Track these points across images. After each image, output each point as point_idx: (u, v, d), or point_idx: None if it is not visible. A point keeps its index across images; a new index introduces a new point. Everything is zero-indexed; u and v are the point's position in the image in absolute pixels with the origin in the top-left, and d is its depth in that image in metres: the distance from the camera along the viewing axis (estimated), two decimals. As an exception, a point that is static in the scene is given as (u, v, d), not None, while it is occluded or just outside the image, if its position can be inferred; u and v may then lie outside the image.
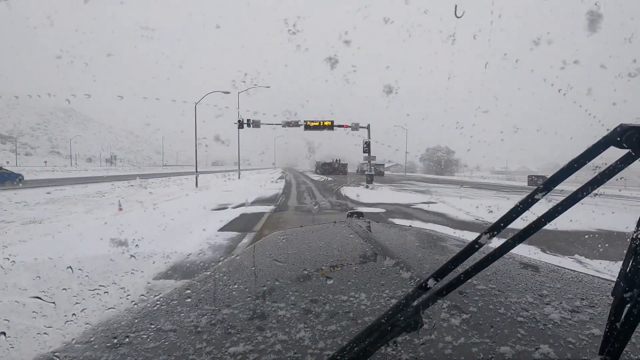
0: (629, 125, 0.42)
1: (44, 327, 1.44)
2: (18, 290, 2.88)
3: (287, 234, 1.94)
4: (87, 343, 0.76)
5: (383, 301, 0.88)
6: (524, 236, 0.47)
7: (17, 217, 9.04)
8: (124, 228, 6.36)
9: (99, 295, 1.95)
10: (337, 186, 24.82)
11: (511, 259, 1.33)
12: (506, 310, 0.82)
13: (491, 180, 53.98)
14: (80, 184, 22.33)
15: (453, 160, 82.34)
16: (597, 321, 0.77)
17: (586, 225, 8.61)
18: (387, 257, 1.25)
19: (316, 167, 65.04)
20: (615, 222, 8.70)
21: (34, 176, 29.15)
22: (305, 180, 34.14)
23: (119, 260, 4.61)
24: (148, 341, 0.74)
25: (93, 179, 31.24)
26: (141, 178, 29.68)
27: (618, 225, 8.20)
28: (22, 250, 5.09)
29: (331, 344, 0.68)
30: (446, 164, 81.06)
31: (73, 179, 29.84)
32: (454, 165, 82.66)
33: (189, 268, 4.96)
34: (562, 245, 6.82)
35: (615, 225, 8.46)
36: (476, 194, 21.18)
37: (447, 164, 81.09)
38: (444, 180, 43.65)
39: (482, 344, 0.67)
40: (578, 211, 0.61)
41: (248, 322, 0.79)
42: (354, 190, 19.70)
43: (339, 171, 56.17)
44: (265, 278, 1.14)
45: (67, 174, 41.79)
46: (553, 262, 1.38)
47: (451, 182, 38.27)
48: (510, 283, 1.04)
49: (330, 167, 57.05)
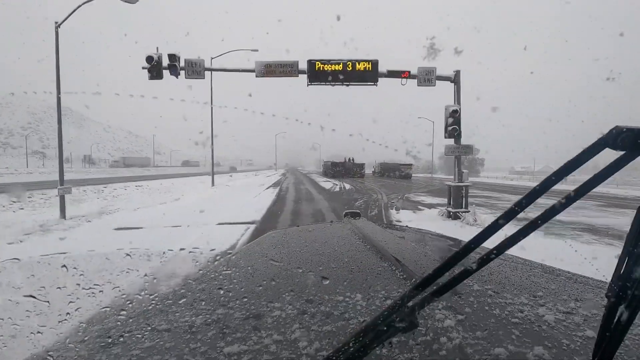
0: (624, 127, 0.43)
1: (37, 326, 1.43)
2: (11, 289, 2.86)
3: (283, 233, 1.94)
4: (81, 342, 0.76)
5: (379, 301, 0.88)
6: (519, 237, 0.47)
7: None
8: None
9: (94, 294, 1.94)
10: (374, 209, 13.24)
11: (506, 260, 1.33)
12: (501, 311, 0.82)
13: (528, 182, 40.35)
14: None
15: (478, 159, 72.62)
16: (591, 322, 0.78)
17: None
18: (383, 257, 1.25)
19: (324, 168, 51.98)
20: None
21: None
22: (310, 190, 21.86)
23: (114, 259, 4.58)
24: (142, 341, 0.73)
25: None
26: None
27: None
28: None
29: (326, 345, 0.68)
30: (470, 163, 68.51)
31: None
32: (479, 165, 73.49)
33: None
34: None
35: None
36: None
37: (471, 163, 69.70)
38: (513, 188, 27.43)
39: (477, 345, 0.67)
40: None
41: (243, 322, 0.79)
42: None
43: (353, 173, 43.35)
44: (261, 278, 1.14)
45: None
46: (548, 263, 1.39)
47: (518, 189, 25.05)
48: (506, 284, 1.04)
49: (342, 168, 43.66)
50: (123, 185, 24.74)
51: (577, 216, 11.55)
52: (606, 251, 6.99)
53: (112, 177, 40.66)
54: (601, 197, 19.39)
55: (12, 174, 40.08)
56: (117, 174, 50.36)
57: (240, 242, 7.59)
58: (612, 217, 12.38)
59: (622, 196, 21.56)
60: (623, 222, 10.74)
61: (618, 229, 9.52)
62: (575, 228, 9.69)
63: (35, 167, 70.21)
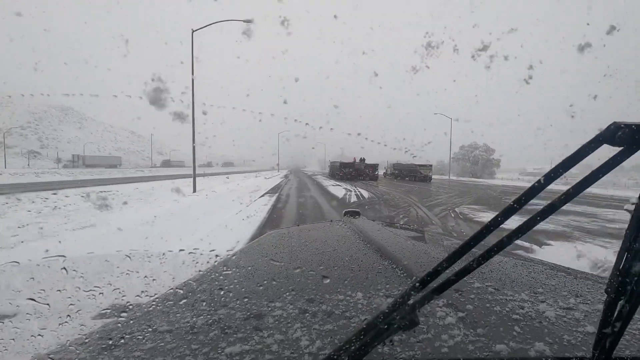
0: (622, 123, 0.43)
1: (38, 328, 1.43)
2: (11, 292, 2.86)
3: (284, 233, 1.94)
4: (82, 345, 0.76)
5: (379, 300, 0.88)
6: (519, 234, 0.47)
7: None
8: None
9: (94, 296, 1.93)
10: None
11: (506, 257, 1.34)
12: (502, 308, 0.82)
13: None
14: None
15: (494, 160, 67.20)
16: (591, 318, 0.78)
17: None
18: (383, 255, 1.25)
19: (331, 169, 44.32)
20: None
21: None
22: (318, 200, 15.65)
23: (113, 261, 4.57)
24: (144, 342, 0.73)
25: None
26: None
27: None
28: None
29: (328, 343, 0.68)
30: (484, 164, 66.26)
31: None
32: (494, 166, 68.23)
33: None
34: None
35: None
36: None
37: (486, 164, 66.44)
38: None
39: (478, 342, 0.67)
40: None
41: (244, 322, 0.79)
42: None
43: (365, 175, 37.57)
44: (262, 277, 1.14)
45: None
46: (549, 259, 1.39)
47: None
48: (506, 281, 1.05)
49: (352, 170, 37.52)
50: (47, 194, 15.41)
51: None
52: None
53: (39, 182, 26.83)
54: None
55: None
56: (65, 176, 35.37)
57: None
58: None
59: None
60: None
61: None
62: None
63: (20, 168, 64.75)
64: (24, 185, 23.57)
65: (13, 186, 22.47)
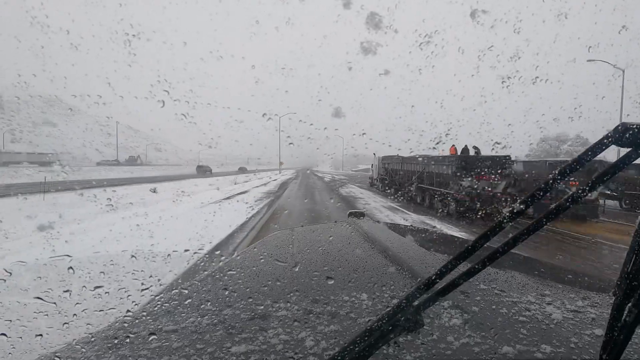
0: (630, 124, 0.42)
1: (44, 327, 1.44)
2: (19, 291, 2.89)
3: (288, 233, 1.94)
4: (88, 343, 0.76)
5: (384, 301, 0.88)
6: (525, 235, 0.47)
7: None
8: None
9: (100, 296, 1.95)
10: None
11: (513, 259, 1.33)
12: (508, 310, 0.82)
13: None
14: None
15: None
16: (598, 321, 0.77)
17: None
18: (388, 256, 1.25)
19: (379, 172, 19.80)
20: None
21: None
22: None
23: (119, 261, 4.61)
24: (149, 341, 0.74)
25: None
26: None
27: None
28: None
29: (332, 344, 0.68)
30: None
31: None
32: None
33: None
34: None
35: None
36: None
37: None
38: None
39: (484, 344, 0.67)
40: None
41: (249, 322, 0.79)
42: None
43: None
44: (266, 278, 1.14)
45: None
46: (555, 262, 1.38)
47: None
48: (512, 282, 1.04)
49: (487, 185, 9.73)
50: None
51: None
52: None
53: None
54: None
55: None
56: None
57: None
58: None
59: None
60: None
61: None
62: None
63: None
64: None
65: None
